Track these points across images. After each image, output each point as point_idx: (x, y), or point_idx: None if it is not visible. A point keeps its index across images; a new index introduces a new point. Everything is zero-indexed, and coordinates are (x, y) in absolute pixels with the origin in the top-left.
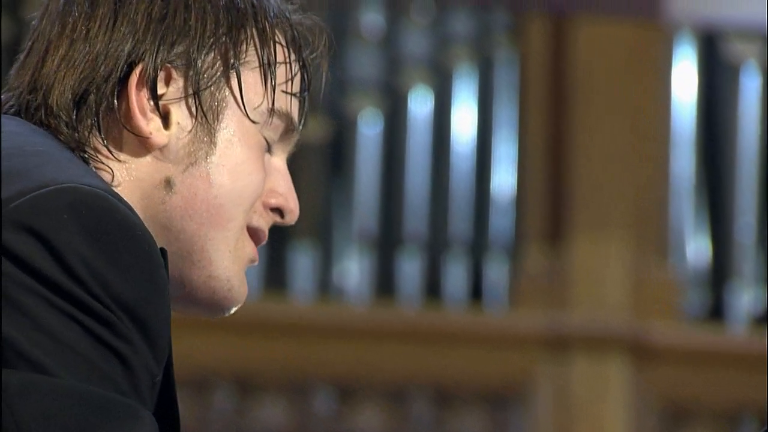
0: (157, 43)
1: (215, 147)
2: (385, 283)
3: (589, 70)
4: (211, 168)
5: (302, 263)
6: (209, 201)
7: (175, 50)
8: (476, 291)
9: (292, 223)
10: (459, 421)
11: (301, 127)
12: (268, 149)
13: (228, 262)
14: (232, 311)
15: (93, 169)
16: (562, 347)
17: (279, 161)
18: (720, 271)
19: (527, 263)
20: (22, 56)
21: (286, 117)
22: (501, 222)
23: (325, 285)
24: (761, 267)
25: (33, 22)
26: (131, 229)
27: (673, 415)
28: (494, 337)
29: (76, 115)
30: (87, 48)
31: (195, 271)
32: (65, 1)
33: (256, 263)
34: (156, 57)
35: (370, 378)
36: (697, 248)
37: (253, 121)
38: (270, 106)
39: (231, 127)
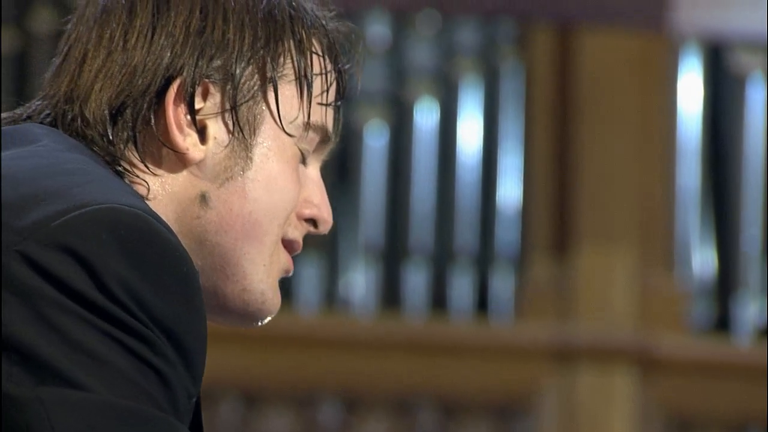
0: (195, 57)
1: (251, 162)
2: (390, 294)
3: (594, 81)
4: (246, 183)
5: (308, 275)
6: (244, 216)
7: (213, 64)
8: (482, 302)
9: (326, 232)
10: None
11: (336, 137)
12: (303, 160)
13: (262, 275)
14: (266, 321)
15: (128, 183)
16: (568, 358)
17: (313, 171)
18: (726, 283)
19: (533, 274)
20: (57, 61)
21: (322, 128)
22: (507, 233)
23: (331, 296)
24: (767, 278)
25: (68, 26)
26: (170, 250)
27: (679, 426)
28: (500, 349)
29: (113, 128)
30: (124, 59)
31: (229, 284)
32: (103, 9)
33: (291, 273)
34: (194, 71)
35: (375, 389)
36: (703, 259)
37: (290, 135)
38: (306, 119)
39: (267, 142)
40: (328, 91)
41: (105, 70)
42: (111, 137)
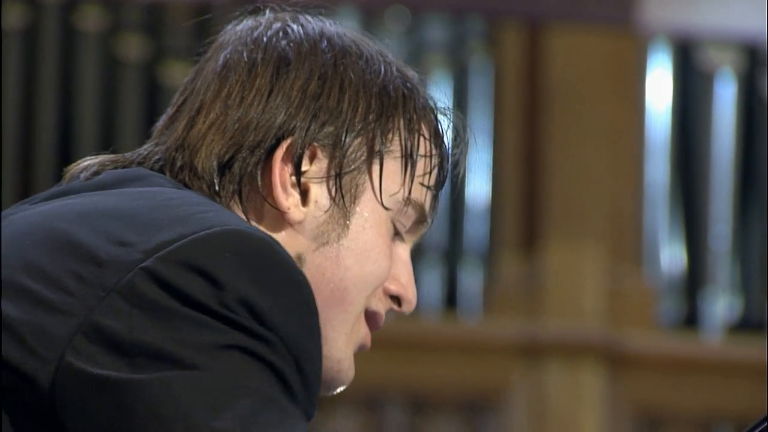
0: (308, 121)
1: (348, 230)
2: None
3: (563, 78)
4: (341, 250)
5: None
6: (335, 283)
7: (324, 130)
8: (451, 298)
9: (407, 313)
10: (433, 428)
11: (431, 220)
12: (396, 236)
13: (342, 344)
14: (337, 392)
15: None
16: (537, 355)
17: (404, 250)
18: (694, 279)
19: (502, 271)
20: (170, 109)
21: (420, 207)
22: (476, 229)
23: None
24: (735, 275)
25: (186, 78)
26: (293, 275)
27: (648, 422)
28: (469, 345)
29: (220, 181)
30: (239, 115)
31: None
32: (223, 65)
33: (367, 348)
34: (305, 134)
35: None
36: (672, 256)
37: (387, 208)
38: (406, 195)
39: (365, 213)
40: (430, 173)
41: (219, 123)
42: (218, 189)
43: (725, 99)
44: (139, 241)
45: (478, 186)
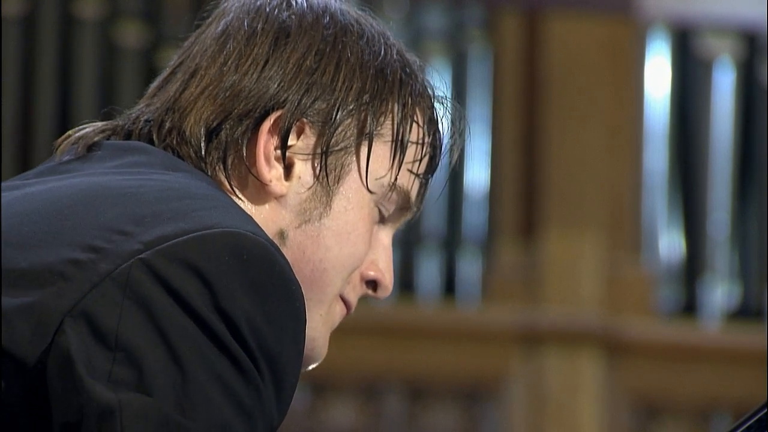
0: (300, 95)
1: (330, 210)
2: None
3: (562, 65)
4: (322, 230)
5: None
6: (315, 263)
7: (315, 106)
8: (449, 286)
9: (383, 298)
10: (432, 416)
11: (417, 209)
12: (379, 221)
13: (317, 323)
14: (309, 369)
15: None
16: (536, 342)
17: (385, 236)
18: (693, 267)
19: (501, 258)
20: (166, 71)
21: (405, 194)
22: (474, 217)
23: None
24: (734, 262)
25: (186, 42)
26: (288, 284)
27: (646, 410)
28: (467, 332)
29: (206, 147)
30: (232, 82)
31: None
32: (222, 32)
33: (335, 326)
34: (296, 108)
35: (342, 373)
36: (671, 244)
37: (371, 192)
38: (392, 181)
39: (349, 194)
40: (420, 161)
41: (211, 88)
42: (204, 155)
43: (724, 87)
44: (138, 231)
45: (477, 173)
